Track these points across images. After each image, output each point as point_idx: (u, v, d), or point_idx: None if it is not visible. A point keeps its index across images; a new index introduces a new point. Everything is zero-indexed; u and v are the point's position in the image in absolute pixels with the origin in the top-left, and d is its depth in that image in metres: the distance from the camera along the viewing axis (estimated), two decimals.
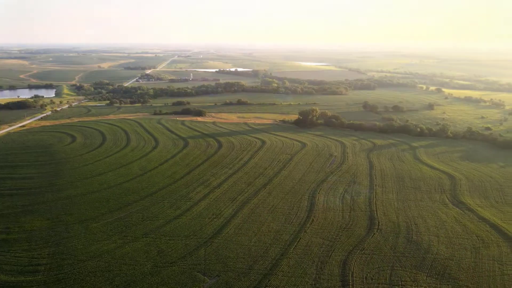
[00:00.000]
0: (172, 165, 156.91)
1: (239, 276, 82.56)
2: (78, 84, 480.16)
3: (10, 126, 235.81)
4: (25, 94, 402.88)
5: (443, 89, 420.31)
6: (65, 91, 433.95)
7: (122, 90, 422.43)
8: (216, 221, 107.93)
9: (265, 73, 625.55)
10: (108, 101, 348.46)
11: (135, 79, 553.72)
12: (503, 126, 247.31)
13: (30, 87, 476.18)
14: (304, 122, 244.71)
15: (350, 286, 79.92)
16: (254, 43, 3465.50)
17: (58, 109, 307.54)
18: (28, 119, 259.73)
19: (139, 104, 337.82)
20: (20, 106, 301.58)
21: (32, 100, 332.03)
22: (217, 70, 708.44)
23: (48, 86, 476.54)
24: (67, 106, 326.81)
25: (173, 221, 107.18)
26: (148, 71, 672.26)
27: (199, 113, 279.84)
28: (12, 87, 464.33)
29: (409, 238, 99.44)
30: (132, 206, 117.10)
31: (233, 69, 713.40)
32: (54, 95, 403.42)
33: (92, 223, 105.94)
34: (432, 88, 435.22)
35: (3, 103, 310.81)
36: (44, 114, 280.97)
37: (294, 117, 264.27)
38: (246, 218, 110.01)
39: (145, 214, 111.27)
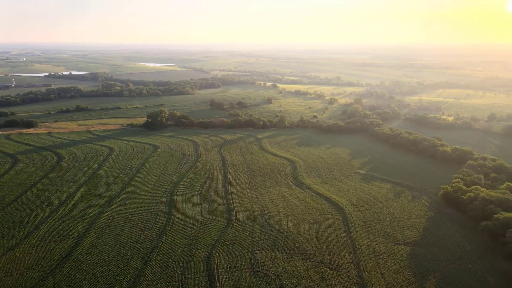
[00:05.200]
0: None
1: None
2: None
3: None
4: None
5: (278, 85, 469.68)
6: None
7: None
8: (65, 242, 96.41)
9: (105, 75, 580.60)
10: None
11: None
12: (325, 114, 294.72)
13: None
14: (154, 124, 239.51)
15: (216, 278, 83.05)
16: (88, 43, 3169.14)
17: None
18: None
19: None
20: None
21: None
22: (47, 74, 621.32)
23: None
24: None
25: (7, 254, 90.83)
26: None
27: (29, 124, 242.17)
28: None
29: (263, 223, 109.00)
30: None
31: (67, 73, 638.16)
32: None
33: None
34: (269, 84, 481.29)
35: None
36: None
37: (142, 120, 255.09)
38: (100, 233, 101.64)
39: None
